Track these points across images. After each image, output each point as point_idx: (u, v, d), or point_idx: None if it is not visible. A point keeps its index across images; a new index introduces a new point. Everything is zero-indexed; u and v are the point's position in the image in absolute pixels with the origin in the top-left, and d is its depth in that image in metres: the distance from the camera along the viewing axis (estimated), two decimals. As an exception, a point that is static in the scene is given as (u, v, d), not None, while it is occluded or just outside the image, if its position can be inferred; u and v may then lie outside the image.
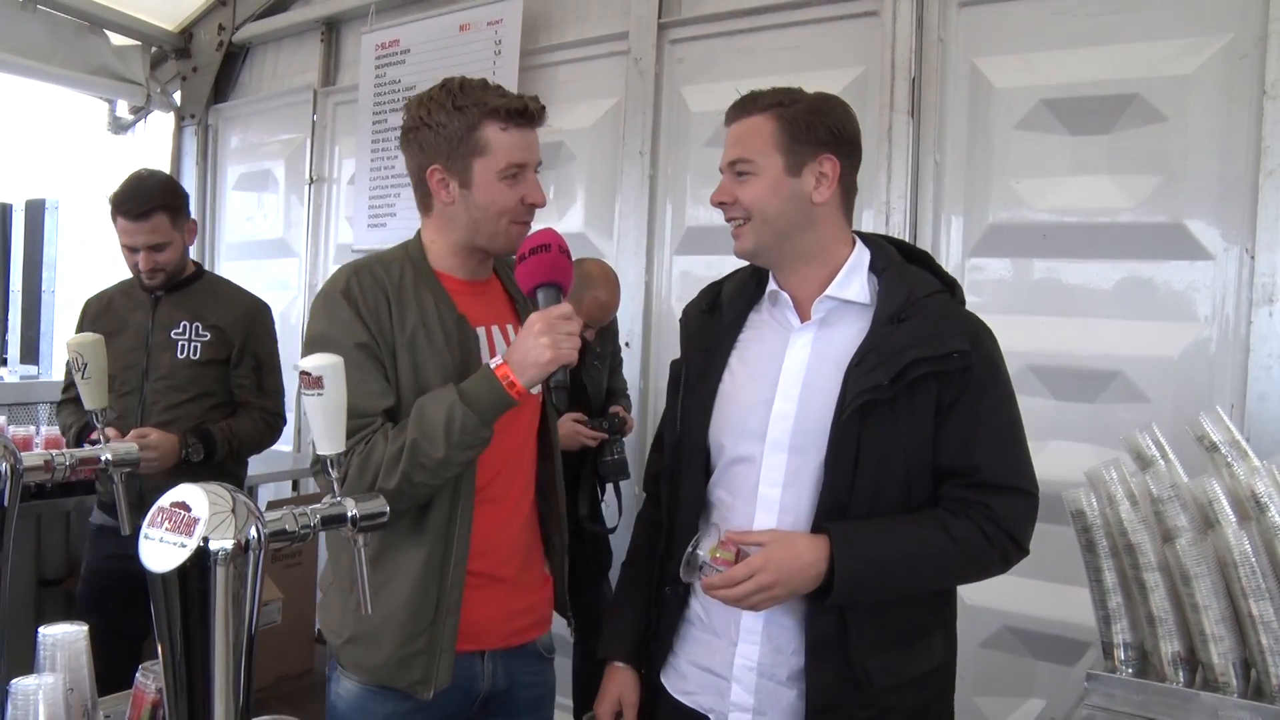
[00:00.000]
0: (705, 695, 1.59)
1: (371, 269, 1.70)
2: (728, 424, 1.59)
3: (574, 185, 3.93)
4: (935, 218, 2.93)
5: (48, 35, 4.76)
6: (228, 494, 0.77)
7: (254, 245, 5.22)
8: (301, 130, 4.92)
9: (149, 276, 2.84)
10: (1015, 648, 2.79)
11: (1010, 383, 1.56)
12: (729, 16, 3.41)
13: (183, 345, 2.87)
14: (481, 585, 1.72)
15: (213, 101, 5.31)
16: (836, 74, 3.14)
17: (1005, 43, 2.82)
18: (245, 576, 0.75)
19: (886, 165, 2.96)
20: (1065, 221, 2.72)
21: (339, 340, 1.60)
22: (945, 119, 2.92)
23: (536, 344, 1.53)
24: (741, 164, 1.53)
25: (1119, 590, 1.61)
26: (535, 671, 1.81)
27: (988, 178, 2.84)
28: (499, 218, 1.69)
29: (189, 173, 5.38)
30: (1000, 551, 1.49)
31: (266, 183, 5.16)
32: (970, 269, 2.89)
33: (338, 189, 4.83)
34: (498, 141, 1.65)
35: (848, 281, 1.55)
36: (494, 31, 4.08)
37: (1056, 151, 2.73)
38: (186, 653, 0.73)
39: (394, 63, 4.45)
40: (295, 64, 5.06)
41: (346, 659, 1.72)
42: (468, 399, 1.54)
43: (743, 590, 1.39)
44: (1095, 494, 1.62)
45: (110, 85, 5.14)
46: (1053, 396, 2.72)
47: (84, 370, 1.53)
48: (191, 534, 0.73)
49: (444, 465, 1.55)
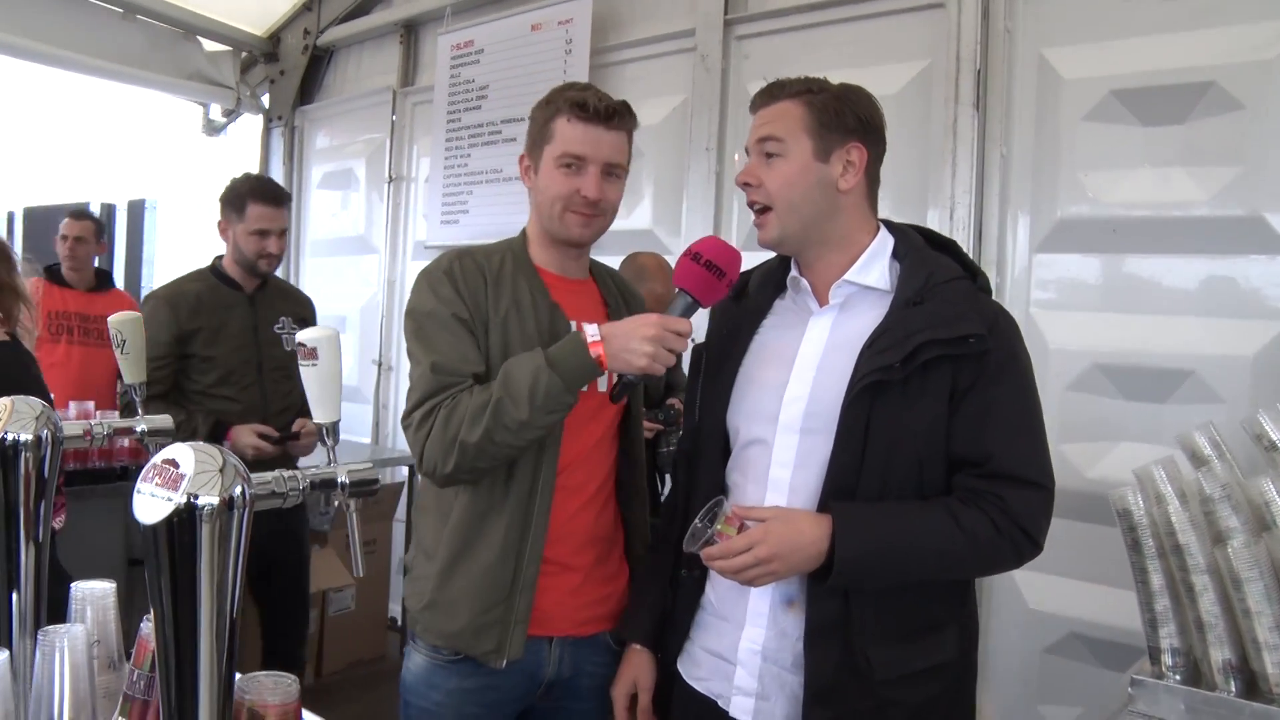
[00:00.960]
0: (714, 680, 1.59)
1: (474, 255, 1.81)
2: (744, 407, 1.59)
3: (642, 182, 3.95)
4: (1001, 213, 2.87)
5: (146, 43, 4.99)
6: (219, 455, 0.80)
7: (337, 242, 5.38)
8: (381, 130, 5.05)
9: (269, 263, 3.05)
10: (1082, 655, 2.72)
11: (1030, 372, 1.52)
12: (794, 11, 3.39)
13: (286, 339, 3.11)
14: (553, 572, 1.76)
15: (299, 103, 5.49)
16: (902, 68, 3.10)
17: (1074, 32, 2.75)
18: (230, 532, 0.78)
19: (951, 160, 2.91)
20: (1136, 215, 2.63)
21: (438, 311, 1.72)
22: (1012, 111, 2.86)
23: (641, 343, 1.55)
24: (772, 142, 1.53)
25: (1166, 593, 1.56)
26: (602, 662, 1.83)
27: (1055, 171, 2.77)
28: (553, 203, 1.75)
29: (276, 172, 5.57)
30: (1011, 544, 1.45)
31: (349, 181, 5.31)
32: (1037, 265, 2.82)
33: (415, 187, 4.94)
34: (562, 132, 1.73)
35: (868, 267, 1.54)
36: (564, 31, 4.13)
37: (1127, 143, 2.65)
38: (174, 604, 0.77)
39: (468, 62, 4.54)
40: (376, 66, 5.20)
41: (424, 626, 1.79)
42: (554, 363, 1.59)
43: (740, 562, 1.39)
44: (1143, 492, 1.57)
45: (204, 89, 5.37)
46: (1122, 396, 2.65)
47: (123, 346, 1.62)
48: (178, 489, 0.77)
49: (526, 427, 1.60)
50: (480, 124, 4.48)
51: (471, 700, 1.77)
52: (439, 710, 1.77)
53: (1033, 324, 2.81)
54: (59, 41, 4.54)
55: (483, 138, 4.47)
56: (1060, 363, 2.74)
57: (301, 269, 5.56)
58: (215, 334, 2.96)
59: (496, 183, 4.39)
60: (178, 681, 0.77)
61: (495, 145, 4.41)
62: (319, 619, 3.95)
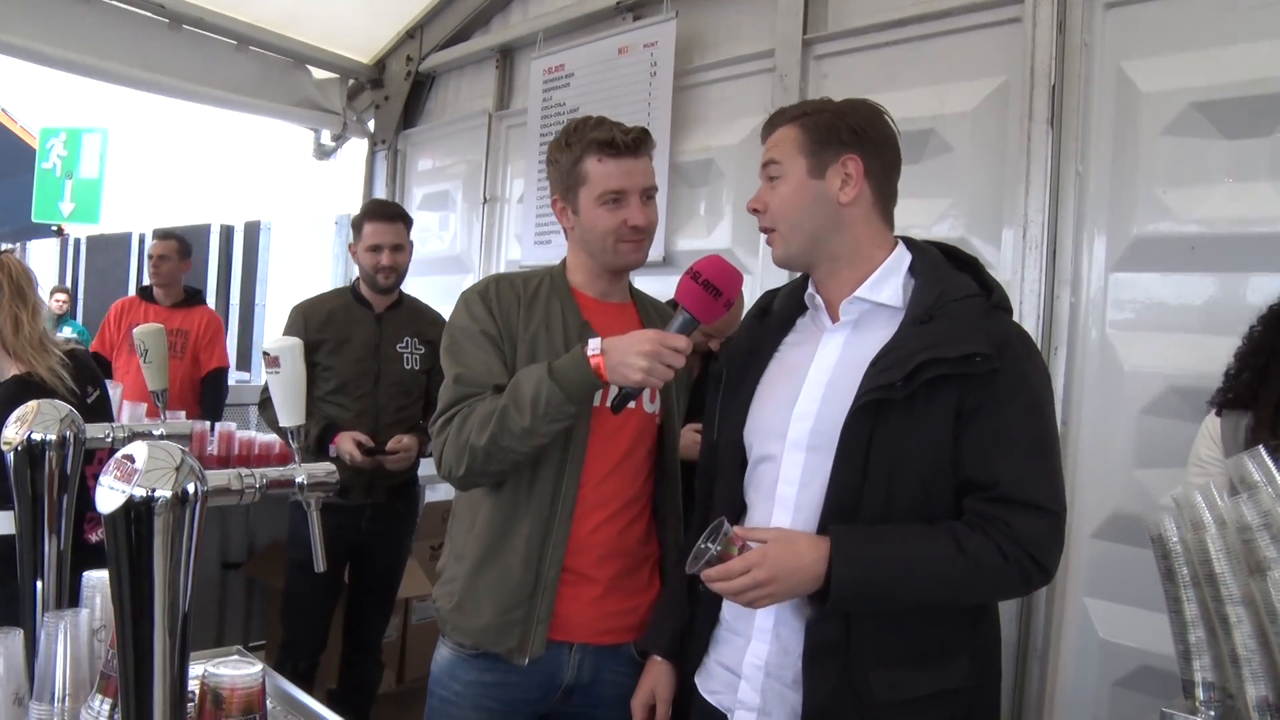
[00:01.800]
0: (724, 694, 1.59)
1: (511, 279, 1.93)
2: (757, 424, 1.60)
3: (722, 202, 3.98)
4: (1076, 232, 2.78)
5: (259, 73, 5.27)
6: (177, 453, 0.87)
7: (435, 262, 5.55)
8: (478, 153, 5.20)
9: (385, 275, 3.24)
10: (1154, 689, 2.59)
11: (1042, 394, 1.48)
12: (872, 30, 3.37)
13: (406, 357, 3.32)
14: (573, 581, 1.83)
15: (402, 127, 5.70)
16: (977, 84, 3.05)
17: (1154, 43, 2.66)
18: (183, 524, 0.84)
19: (1025, 178, 2.84)
20: (1217, 233, 2.52)
21: (469, 327, 1.85)
22: (1088, 127, 2.77)
23: (637, 358, 1.61)
24: (772, 166, 1.57)
25: (1201, 624, 1.49)
26: (625, 672, 1.87)
27: (1133, 188, 2.68)
28: (604, 238, 1.85)
29: (379, 194, 5.78)
30: (1019, 570, 1.41)
31: (446, 203, 5.48)
32: (1114, 285, 2.73)
33: (509, 208, 5.07)
34: (595, 172, 1.83)
35: (881, 284, 1.53)
36: (649, 54, 4.19)
37: (1209, 157, 2.55)
38: (130, 590, 0.83)
39: (559, 86, 4.64)
40: (474, 90, 5.37)
41: (452, 624, 1.87)
42: (556, 375, 1.67)
43: (738, 584, 1.39)
44: (1180, 518, 1.51)
45: (313, 115, 5.63)
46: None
47: (145, 355, 1.73)
48: (130, 481, 0.83)
49: (528, 434, 1.68)
50: (571, 146, 4.57)
51: (488, 694, 1.83)
52: (457, 700, 1.85)
53: (1108, 345, 2.72)
54: (180, 74, 4.84)
55: (573, 159, 4.56)
56: (1136, 385, 2.64)
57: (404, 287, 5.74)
58: (339, 346, 3.21)
59: (588, 203, 4.46)
60: (135, 662, 0.84)
61: (585, 166, 4.49)
62: (401, 626, 4.07)
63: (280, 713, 1.42)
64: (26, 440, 1.16)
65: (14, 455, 1.21)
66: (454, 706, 1.86)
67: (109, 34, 4.56)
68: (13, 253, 2.01)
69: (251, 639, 4.02)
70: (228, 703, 0.95)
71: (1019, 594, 1.52)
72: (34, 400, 1.20)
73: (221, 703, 0.96)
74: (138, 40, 4.68)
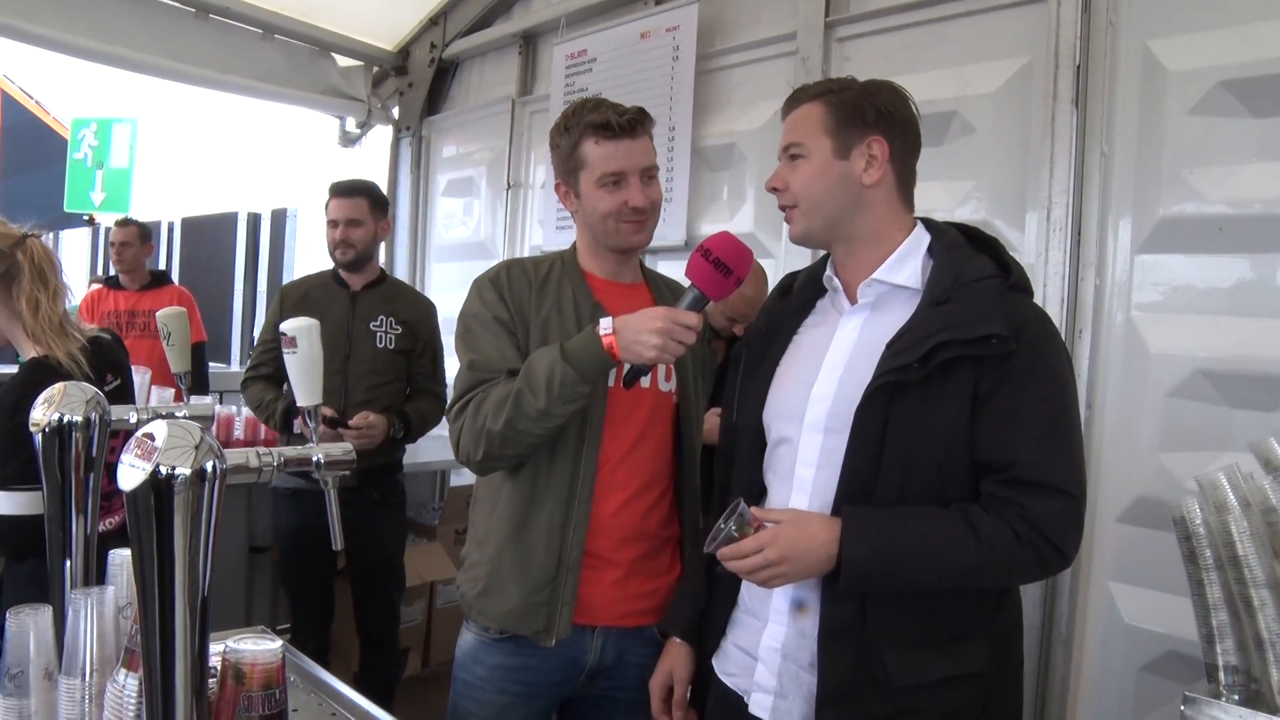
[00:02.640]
0: (741, 676, 1.60)
1: (523, 263, 1.95)
2: (775, 405, 1.60)
3: (745, 186, 3.96)
4: (1101, 213, 2.75)
5: (284, 61, 5.30)
6: (196, 432, 0.88)
7: (459, 247, 5.58)
8: (501, 138, 5.21)
9: (342, 252, 3.27)
10: (1181, 674, 2.57)
11: (1061, 375, 1.46)
12: (894, 11, 3.34)
13: (380, 335, 3.28)
14: (594, 565, 1.84)
15: (426, 114, 5.71)
16: (1001, 65, 3.02)
17: (1180, 21, 2.62)
18: (202, 501, 0.86)
19: (1049, 159, 2.81)
20: (1245, 213, 2.48)
21: (481, 314, 1.86)
22: (1114, 107, 2.74)
23: (650, 335, 1.62)
24: (794, 147, 1.56)
25: (1224, 607, 1.48)
26: (648, 654, 1.88)
27: (1159, 169, 2.64)
28: (605, 220, 1.86)
29: (404, 180, 5.82)
30: (1033, 553, 1.40)
31: (470, 189, 5.49)
32: (1139, 267, 2.69)
33: (532, 193, 5.08)
34: (593, 155, 1.84)
35: (899, 266, 1.52)
36: (672, 38, 4.18)
37: (1237, 137, 2.50)
38: (153, 567, 0.85)
39: (582, 71, 4.64)
40: (498, 76, 5.37)
41: (478, 609, 1.89)
42: (569, 356, 1.68)
43: (750, 563, 1.39)
44: (1204, 500, 1.50)
45: (338, 103, 5.66)
46: (1227, 404, 2.50)
47: (169, 338, 1.75)
48: (150, 459, 0.85)
49: (544, 416, 1.69)
50: (593, 131, 4.56)
51: (511, 678, 1.84)
52: (481, 684, 1.87)
53: (1134, 328, 2.68)
54: (206, 63, 4.88)
55: (595, 144, 4.55)
56: (1162, 368, 2.61)
57: (427, 273, 5.78)
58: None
59: (610, 188, 4.46)
60: (160, 638, 0.86)
61: (608, 151, 4.49)
62: (426, 610, 4.11)
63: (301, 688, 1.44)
64: (54, 421, 1.18)
65: (42, 436, 1.24)
66: (478, 690, 1.87)
67: (137, 24, 4.60)
68: (38, 237, 2.03)
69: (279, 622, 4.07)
70: (248, 678, 0.97)
71: (1036, 578, 1.51)
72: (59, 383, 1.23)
73: (242, 678, 0.98)
74: (165, 30, 4.72)
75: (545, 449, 1.80)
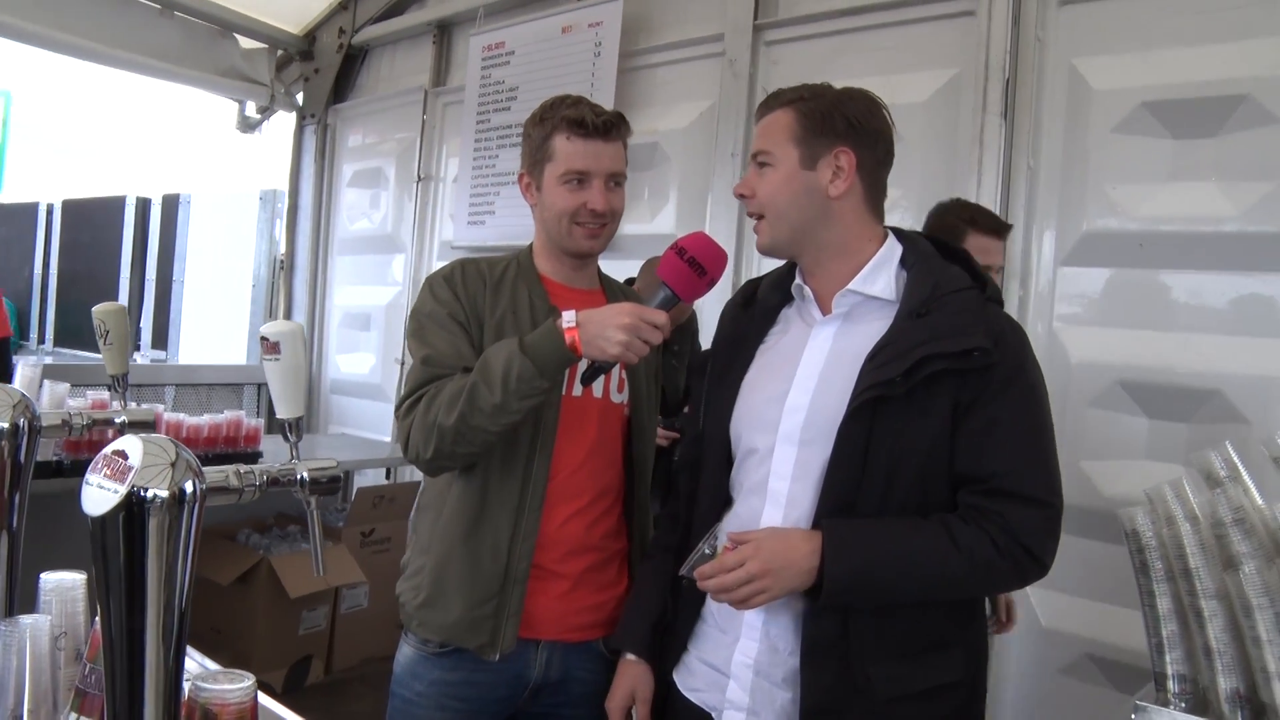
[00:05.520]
0: (709, 692, 1.56)
1: (477, 263, 1.87)
2: (746, 416, 1.56)
3: (667, 186, 3.94)
4: (1026, 224, 2.81)
5: (183, 40, 5.05)
6: (171, 448, 0.79)
7: (365, 240, 5.40)
8: (412, 130, 5.07)
9: None
10: (1096, 678, 2.65)
11: (1039, 387, 1.47)
12: (824, 17, 3.36)
13: None
14: (539, 577, 1.77)
15: (332, 101, 5.52)
16: (930, 75, 3.06)
17: (1106, 42, 2.70)
18: (180, 526, 0.77)
19: (977, 169, 2.87)
20: (1164, 230, 2.57)
21: (435, 312, 1.78)
22: (1040, 122, 2.80)
23: (616, 331, 1.55)
24: (762, 155, 1.53)
25: (1174, 617, 1.51)
26: (594, 669, 1.82)
27: (1083, 183, 2.72)
28: (560, 219, 1.79)
29: (307, 169, 5.61)
30: (1013, 563, 1.40)
31: (378, 180, 5.33)
32: (1062, 279, 2.77)
33: (444, 187, 4.95)
34: (562, 149, 1.78)
35: (873, 276, 1.50)
36: (594, 33, 4.12)
37: (1157, 156, 2.59)
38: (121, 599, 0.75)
39: (499, 64, 4.54)
40: (409, 65, 5.23)
41: (419, 620, 1.80)
42: (528, 349, 1.61)
43: (733, 578, 1.36)
44: (1153, 513, 1.52)
45: (239, 86, 5.42)
46: (1145, 414, 2.58)
47: (106, 337, 1.61)
48: (124, 481, 0.75)
49: (499, 410, 1.61)
50: (509, 125, 4.47)
51: (451, 694, 1.77)
52: (419, 700, 1.78)
53: (1055, 339, 2.75)
54: (96, 36, 4.60)
55: (511, 139, 4.45)
56: (1083, 378, 2.68)
57: (330, 266, 5.59)
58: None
59: (524, 184, 4.37)
60: (127, 678, 0.76)
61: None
62: (330, 615, 3.96)
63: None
64: (-22, 429, 1.05)
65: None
66: (417, 707, 1.78)
67: (19, -11, 4.31)
68: None
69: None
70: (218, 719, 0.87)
71: (1013, 587, 1.52)
72: (-21, 384, 1.10)
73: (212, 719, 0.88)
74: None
75: (496, 456, 1.72)
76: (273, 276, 5.83)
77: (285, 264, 5.73)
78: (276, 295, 5.80)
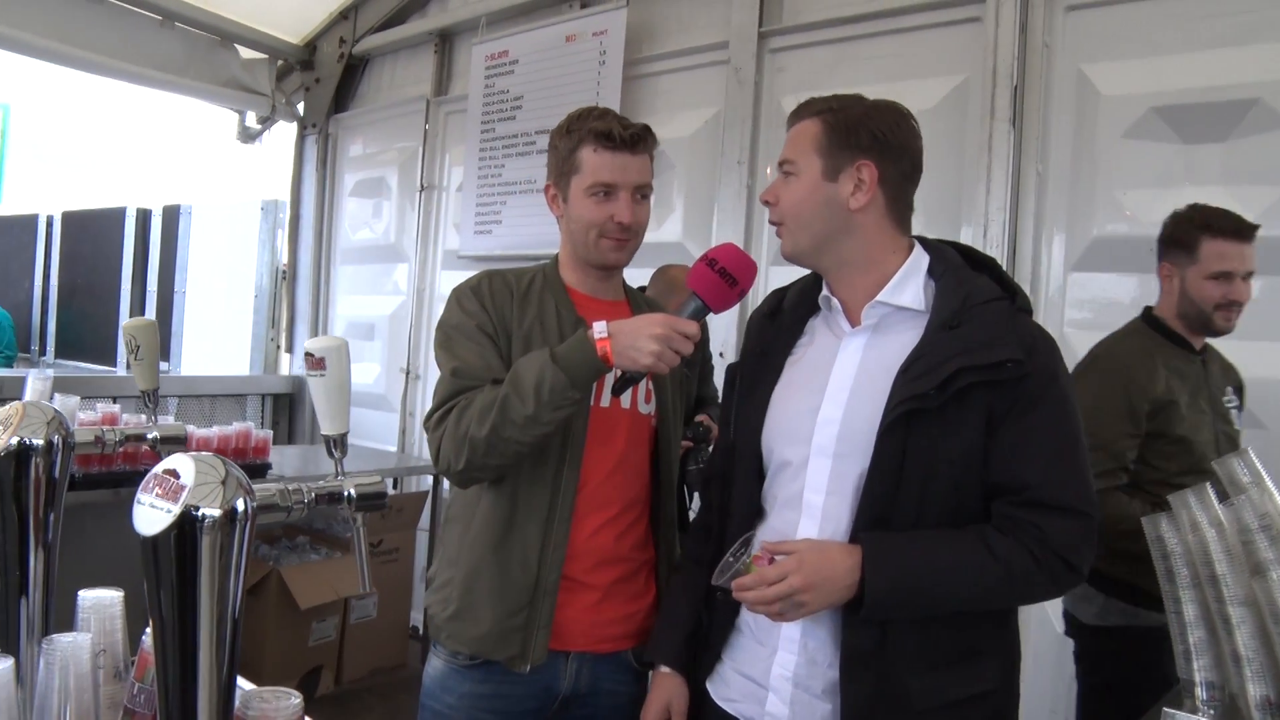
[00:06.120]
0: (745, 703, 1.56)
1: (504, 274, 1.87)
2: (778, 428, 1.56)
3: (672, 194, 3.93)
4: (1036, 231, 2.82)
5: (184, 50, 5.04)
6: (221, 465, 0.79)
7: (368, 250, 5.40)
8: (414, 139, 5.06)
9: None
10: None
11: (1072, 397, 1.47)
12: (829, 25, 3.36)
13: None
14: (569, 588, 1.77)
15: (333, 111, 5.52)
16: (937, 82, 3.07)
17: (1114, 47, 2.70)
18: (232, 545, 0.76)
19: (986, 177, 2.87)
20: (1175, 235, 2.57)
21: (463, 323, 1.79)
22: (1049, 128, 2.81)
23: (648, 341, 1.56)
24: (787, 164, 1.54)
25: (1202, 624, 1.51)
26: (623, 680, 1.82)
27: (1092, 189, 2.73)
28: (587, 231, 1.79)
29: (309, 179, 5.60)
30: (1049, 574, 1.41)
31: (381, 189, 5.33)
32: (1072, 284, 2.77)
33: (447, 196, 4.95)
34: (589, 161, 1.77)
35: (902, 287, 1.50)
36: (599, 42, 4.12)
37: (1166, 161, 2.60)
38: (175, 618, 0.75)
39: (503, 73, 4.54)
40: (410, 75, 5.22)
41: (448, 634, 1.80)
42: (559, 360, 1.61)
43: (774, 592, 1.36)
44: (1178, 520, 1.52)
45: (239, 96, 5.41)
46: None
47: (137, 352, 1.61)
48: (177, 500, 0.75)
49: (531, 422, 1.62)
50: (514, 134, 4.47)
51: (483, 706, 1.77)
52: (451, 714, 1.78)
53: (1066, 344, 2.74)
54: (96, 48, 4.59)
55: (516, 148, 4.46)
56: (1094, 384, 2.68)
57: (333, 276, 5.58)
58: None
59: (530, 193, 4.37)
60: (179, 698, 0.76)
61: (529, 156, 4.39)
62: (340, 626, 3.95)
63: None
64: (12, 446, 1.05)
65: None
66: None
67: (19, 1, 4.30)
68: None
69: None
70: (267, 737, 0.86)
71: (1050, 597, 1.52)
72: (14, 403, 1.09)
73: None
74: (51, 9, 4.43)
75: (525, 467, 1.72)
76: (275, 287, 5.81)
77: (288, 274, 5.72)
78: (279, 306, 5.79)
